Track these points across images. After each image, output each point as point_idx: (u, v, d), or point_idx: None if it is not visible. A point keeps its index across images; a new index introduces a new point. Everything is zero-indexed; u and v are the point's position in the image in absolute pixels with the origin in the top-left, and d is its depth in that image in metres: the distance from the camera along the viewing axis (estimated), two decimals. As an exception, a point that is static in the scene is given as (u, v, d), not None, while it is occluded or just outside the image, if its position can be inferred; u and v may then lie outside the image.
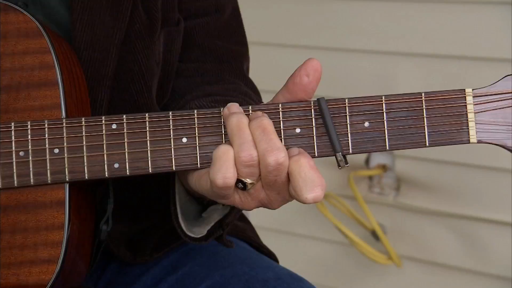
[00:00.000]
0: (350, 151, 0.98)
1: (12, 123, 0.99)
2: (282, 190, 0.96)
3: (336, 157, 0.97)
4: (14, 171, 0.99)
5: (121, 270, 1.23)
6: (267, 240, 1.33)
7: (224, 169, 0.94)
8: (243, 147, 0.94)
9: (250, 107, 0.98)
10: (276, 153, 0.93)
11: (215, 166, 0.95)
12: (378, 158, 2.23)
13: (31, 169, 0.99)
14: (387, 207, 2.25)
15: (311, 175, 0.93)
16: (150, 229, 1.22)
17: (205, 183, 0.98)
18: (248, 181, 0.95)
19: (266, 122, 0.95)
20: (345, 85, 2.22)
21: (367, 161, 2.26)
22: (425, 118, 0.97)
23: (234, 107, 0.97)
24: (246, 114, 0.97)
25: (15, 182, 0.99)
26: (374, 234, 2.21)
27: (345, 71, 2.23)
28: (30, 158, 0.99)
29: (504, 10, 1.98)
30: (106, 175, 0.99)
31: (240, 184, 0.96)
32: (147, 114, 0.99)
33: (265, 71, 1.97)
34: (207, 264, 1.19)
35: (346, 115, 0.97)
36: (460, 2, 2.06)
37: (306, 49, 2.27)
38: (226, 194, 0.97)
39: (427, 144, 0.97)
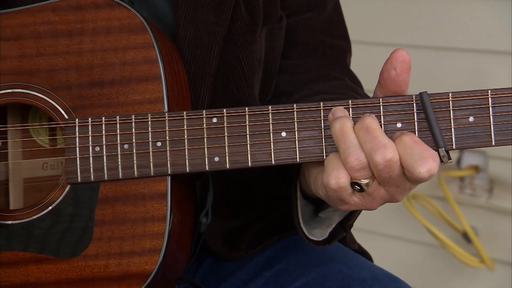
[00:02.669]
0: (454, 147, 0.95)
1: (117, 117, 1.01)
2: (400, 182, 0.93)
3: (438, 152, 0.95)
4: (119, 163, 1.01)
5: (216, 265, 1.24)
6: (357, 239, 1.32)
7: (336, 171, 0.93)
8: (348, 152, 0.92)
9: (350, 101, 0.97)
10: (382, 151, 0.91)
11: (327, 170, 0.94)
12: (469, 159, 2.18)
13: (135, 161, 1.01)
14: (479, 209, 2.20)
15: (417, 149, 0.91)
16: (247, 225, 1.22)
17: (322, 193, 0.98)
18: (364, 181, 0.93)
19: (368, 120, 0.93)
20: (437, 82, 2.18)
21: (458, 162, 2.21)
22: (534, 113, 0.94)
23: (338, 111, 0.95)
24: (345, 108, 0.96)
25: (120, 174, 1.01)
26: (465, 236, 2.16)
27: (437, 69, 2.19)
28: (134, 150, 1.01)
29: None
30: (207, 168, 1.00)
31: (357, 187, 0.94)
32: (246, 108, 0.99)
33: (362, 69, 1.95)
34: (303, 261, 1.18)
35: (449, 110, 0.95)
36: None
37: (400, 47, 2.24)
38: (343, 197, 0.95)
39: (537, 140, 0.94)
